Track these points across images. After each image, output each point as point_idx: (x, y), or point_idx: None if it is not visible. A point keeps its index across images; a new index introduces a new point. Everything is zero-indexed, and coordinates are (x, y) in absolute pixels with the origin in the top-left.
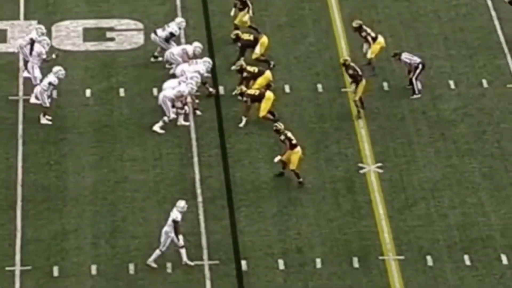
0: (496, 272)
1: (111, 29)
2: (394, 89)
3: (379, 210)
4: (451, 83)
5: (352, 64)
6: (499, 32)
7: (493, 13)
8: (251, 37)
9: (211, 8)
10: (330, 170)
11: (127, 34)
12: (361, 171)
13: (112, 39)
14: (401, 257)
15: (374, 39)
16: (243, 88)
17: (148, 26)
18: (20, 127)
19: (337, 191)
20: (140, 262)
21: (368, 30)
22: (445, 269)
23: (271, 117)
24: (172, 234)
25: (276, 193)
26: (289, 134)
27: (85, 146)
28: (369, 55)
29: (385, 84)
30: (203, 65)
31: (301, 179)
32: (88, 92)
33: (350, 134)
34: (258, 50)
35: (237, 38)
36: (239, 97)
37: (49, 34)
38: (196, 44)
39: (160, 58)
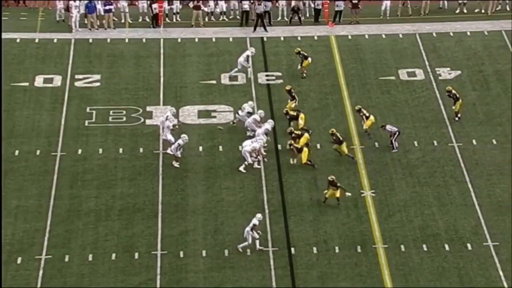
0: (442, 255)
1: (214, 110)
2: (382, 147)
3: (373, 217)
4: (416, 143)
5: (336, 133)
6: (444, 112)
7: (440, 101)
8: (295, 113)
9: (273, 98)
10: (343, 197)
11: (223, 114)
12: (362, 195)
13: (214, 117)
14: (385, 246)
15: (368, 117)
16: (292, 142)
17: (235, 108)
18: (160, 169)
19: (348, 206)
20: (231, 249)
21: (364, 111)
22: (411, 253)
23: (309, 163)
24: (251, 232)
25: (312, 208)
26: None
27: (199, 180)
28: (364, 127)
29: (376, 144)
30: (268, 124)
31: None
32: (200, 148)
33: (356, 173)
34: (300, 121)
35: (287, 113)
36: (290, 147)
37: (177, 113)
38: (260, 111)
39: (235, 124)
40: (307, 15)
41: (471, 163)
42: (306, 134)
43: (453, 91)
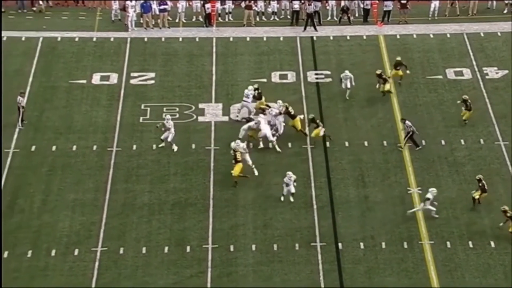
0: (487, 252)
1: (266, 107)
2: (428, 144)
3: (419, 214)
4: (462, 141)
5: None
6: (490, 111)
7: (487, 100)
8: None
9: (322, 96)
10: (391, 192)
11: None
12: (409, 192)
13: (264, 114)
14: (431, 242)
15: (386, 81)
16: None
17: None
18: (212, 164)
19: (395, 203)
20: (281, 243)
21: (384, 76)
22: (457, 250)
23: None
24: (423, 204)
25: (359, 204)
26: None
27: (250, 180)
28: (381, 89)
29: (423, 142)
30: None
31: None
32: (251, 145)
33: (403, 170)
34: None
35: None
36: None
37: (228, 110)
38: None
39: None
40: (356, 15)
41: None
42: (297, 117)
43: (469, 101)
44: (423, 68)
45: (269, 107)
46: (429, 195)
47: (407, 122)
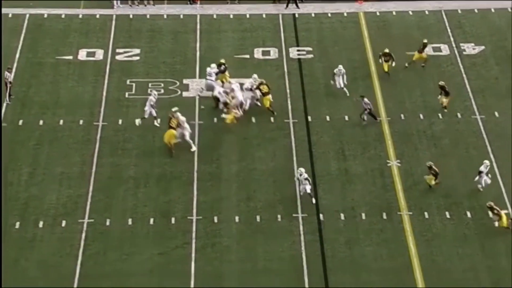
0: (464, 222)
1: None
2: (407, 118)
3: (398, 186)
4: (440, 115)
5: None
6: (467, 86)
7: (464, 75)
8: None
9: (304, 72)
10: (371, 165)
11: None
12: (388, 165)
13: (250, 90)
14: (410, 213)
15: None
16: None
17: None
18: (196, 139)
19: (374, 175)
20: (263, 215)
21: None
22: (435, 220)
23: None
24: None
25: (340, 177)
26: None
27: (233, 149)
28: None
29: (402, 116)
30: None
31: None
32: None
33: (382, 143)
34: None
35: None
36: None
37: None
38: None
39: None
40: None
41: (494, 135)
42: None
43: (446, 87)
44: (402, 45)
45: (230, 82)
46: (482, 168)
47: (365, 99)
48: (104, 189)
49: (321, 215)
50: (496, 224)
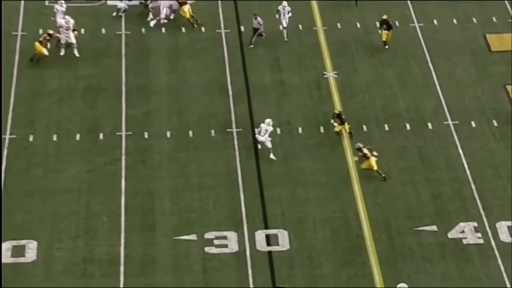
0: (403, 134)
1: None
2: (344, 27)
3: (335, 99)
4: (377, 23)
5: None
6: None
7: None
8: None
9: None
10: (307, 76)
11: None
12: (325, 76)
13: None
14: (348, 126)
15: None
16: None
17: None
18: (123, 50)
19: (311, 87)
20: (196, 129)
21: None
22: (373, 133)
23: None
24: None
25: (275, 91)
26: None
27: (162, 61)
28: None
29: (338, 25)
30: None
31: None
32: (163, 29)
33: (318, 54)
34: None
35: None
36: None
37: None
38: None
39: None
40: None
41: (432, 43)
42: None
43: (389, 21)
44: None
45: None
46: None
47: (258, 18)
48: (26, 102)
49: (256, 130)
50: (362, 166)
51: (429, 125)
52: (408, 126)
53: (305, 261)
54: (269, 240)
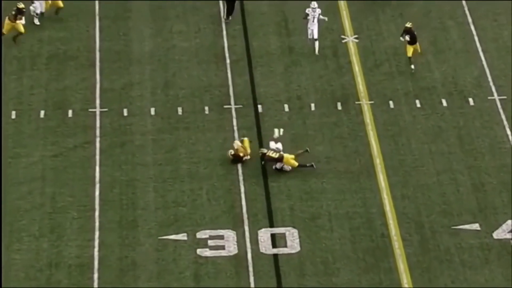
0: (438, 112)
1: None
2: None
3: (355, 68)
4: None
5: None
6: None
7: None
8: None
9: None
10: (321, 41)
11: None
12: (343, 41)
13: None
14: (371, 102)
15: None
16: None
17: None
18: (97, 8)
19: (325, 55)
20: (186, 106)
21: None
22: (402, 110)
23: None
24: None
25: (282, 57)
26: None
27: (145, 21)
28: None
29: None
30: None
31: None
32: None
33: (336, 14)
34: None
35: None
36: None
37: None
38: None
39: None
40: None
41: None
42: None
43: (414, 30)
44: None
45: None
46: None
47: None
48: None
49: (259, 106)
50: (285, 168)
51: (470, 100)
52: (444, 102)
53: (319, 267)
54: (275, 240)
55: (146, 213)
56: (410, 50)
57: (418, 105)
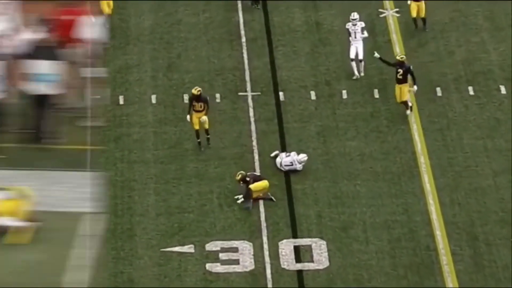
0: (496, 101)
1: None
2: None
3: (396, 49)
4: None
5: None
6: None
7: None
8: None
9: None
10: (359, 12)
11: None
12: (381, 15)
13: None
14: (415, 88)
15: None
16: None
17: None
18: None
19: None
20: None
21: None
22: (452, 98)
23: None
24: None
25: (308, 35)
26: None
27: None
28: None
29: None
30: None
31: None
32: None
33: None
34: None
35: None
36: None
37: None
38: None
39: None
40: None
41: None
42: None
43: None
44: None
45: None
46: None
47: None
48: None
49: (280, 94)
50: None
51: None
52: (502, 89)
53: (351, 284)
54: (299, 254)
55: (146, 220)
56: (414, 9)
57: (471, 92)
